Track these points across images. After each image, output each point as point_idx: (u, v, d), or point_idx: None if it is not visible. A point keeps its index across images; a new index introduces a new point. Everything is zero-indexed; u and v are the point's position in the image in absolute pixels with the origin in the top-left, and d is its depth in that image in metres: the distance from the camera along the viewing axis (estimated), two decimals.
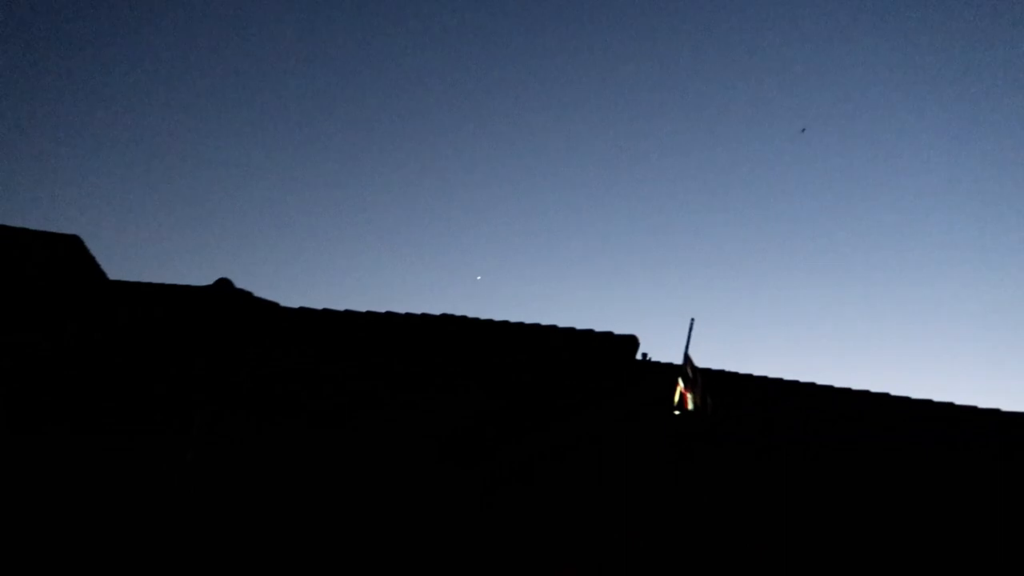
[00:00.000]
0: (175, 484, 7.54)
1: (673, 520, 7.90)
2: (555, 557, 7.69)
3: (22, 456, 7.65)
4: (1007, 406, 10.83)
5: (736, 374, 8.98)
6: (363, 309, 10.09)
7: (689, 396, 7.93)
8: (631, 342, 9.08)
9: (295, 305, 9.44)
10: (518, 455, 8.18)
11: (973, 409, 10.15)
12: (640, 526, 7.91)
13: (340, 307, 9.74)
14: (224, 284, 9.18)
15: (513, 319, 9.96)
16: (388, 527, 7.64)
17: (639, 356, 9.69)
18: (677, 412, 8.23)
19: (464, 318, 10.03)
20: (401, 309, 10.18)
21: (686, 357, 8.35)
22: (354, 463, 7.99)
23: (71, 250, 10.34)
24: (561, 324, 9.69)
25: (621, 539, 7.80)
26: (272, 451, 7.97)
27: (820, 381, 9.58)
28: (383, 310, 10.12)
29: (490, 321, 9.92)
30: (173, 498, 7.47)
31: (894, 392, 9.68)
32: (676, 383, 8.30)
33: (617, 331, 9.29)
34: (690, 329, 8.53)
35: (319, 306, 9.72)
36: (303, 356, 8.71)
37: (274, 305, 9.00)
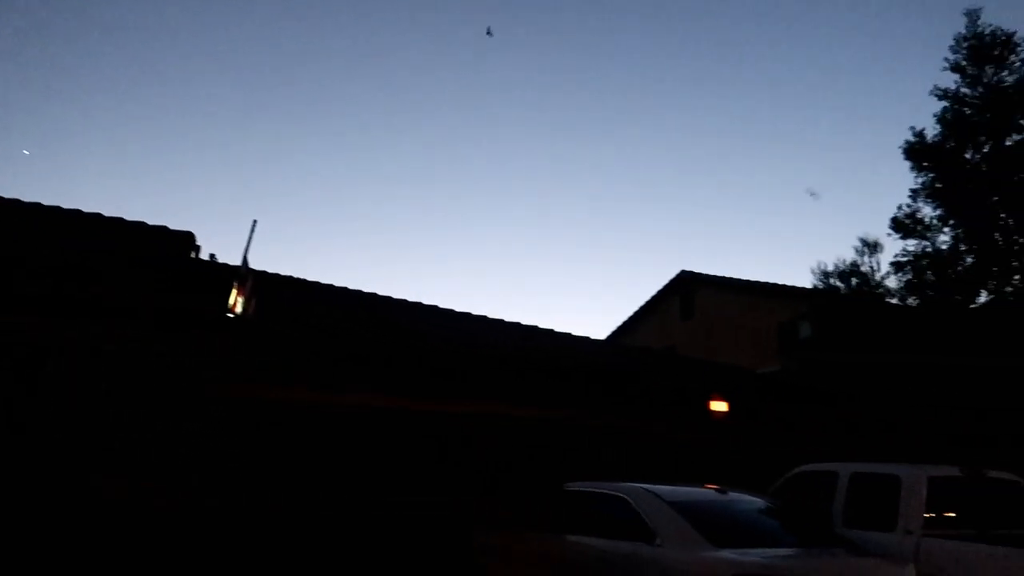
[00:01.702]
0: None
1: None
2: None
3: None
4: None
5: (294, 279, 9.19)
6: None
7: (240, 300, 7.92)
8: (187, 239, 8.66)
9: None
10: None
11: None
12: None
13: None
14: None
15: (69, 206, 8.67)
16: None
17: (205, 257, 9.31)
18: (230, 315, 8.17)
19: None
20: None
21: (244, 259, 8.28)
22: None
23: None
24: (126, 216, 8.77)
25: None
26: None
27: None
28: None
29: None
30: None
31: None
32: (232, 285, 8.21)
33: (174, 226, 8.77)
34: (252, 231, 8.45)
35: None
36: None
37: None
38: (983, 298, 13.51)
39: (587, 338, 14.40)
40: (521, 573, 6.82)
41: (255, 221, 8.43)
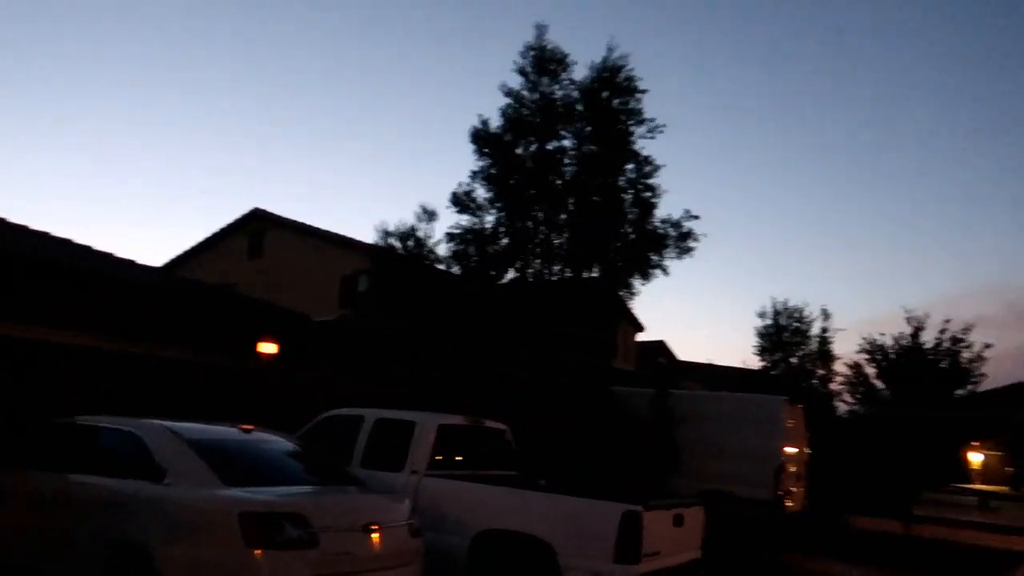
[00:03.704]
0: None
1: None
2: None
3: None
4: None
5: None
6: None
7: None
8: None
9: None
10: None
11: None
12: None
13: None
14: None
15: None
16: None
17: None
18: None
19: None
20: None
21: None
22: None
23: None
24: None
25: None
26: None
27: None
28: None
29: None
30: None
31: None
32: None
33: None
34: None
35: None
36: None
37: None
38: (511, 275, 15.79)
39: (133, 262, 13.18)
40: (10, 517, 6.04)
41: None
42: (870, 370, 17.19)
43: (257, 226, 26.63)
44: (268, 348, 13.38)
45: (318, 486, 6.35)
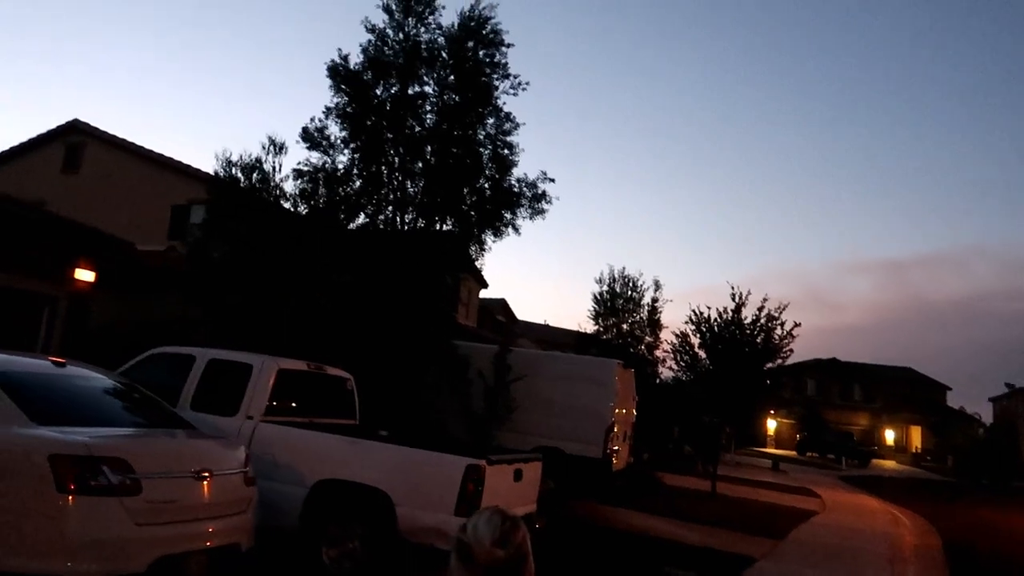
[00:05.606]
0: None
1: None
2: None
3: None
4: None
5: None
6: None
7: None
8: None
9: None
10: None
11: None
12: None
13: None
14: None
15: None
16: None
17: None
18: None
19: None
20: None
21: None
22: None
23: None
24: None
25: None
26: None
27: None
28: None
29: None
30: None
31: None
32: None
33: None
34: None
35: None
36: None
37: None
38: (361, 220, 15.23)
39: None
40: None
41: None
42: (695, 340, 18.29)
43: (76, 139, 24.08)
44: (85, 275, 12.20)
45: (143, 428, 5.83)
